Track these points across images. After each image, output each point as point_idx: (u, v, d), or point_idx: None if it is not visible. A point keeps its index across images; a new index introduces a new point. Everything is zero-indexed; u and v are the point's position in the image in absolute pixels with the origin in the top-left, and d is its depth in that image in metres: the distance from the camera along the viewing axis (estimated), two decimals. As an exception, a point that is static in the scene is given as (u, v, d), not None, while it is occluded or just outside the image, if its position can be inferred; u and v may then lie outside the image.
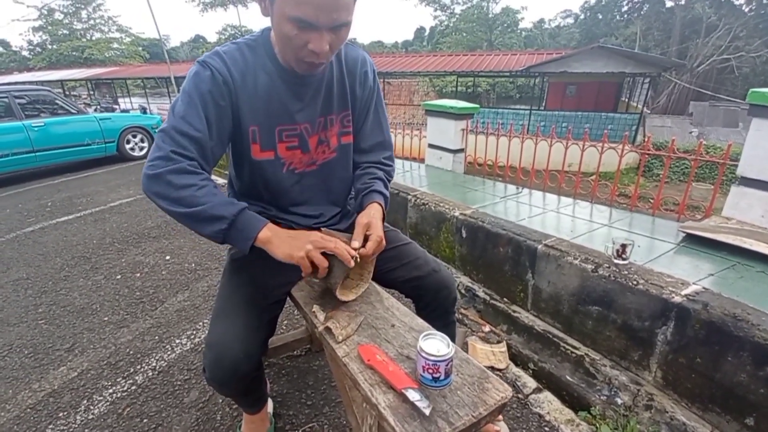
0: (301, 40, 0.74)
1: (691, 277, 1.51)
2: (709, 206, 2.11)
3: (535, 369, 1.62)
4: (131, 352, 1.69)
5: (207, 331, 0.89)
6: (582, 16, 32.88)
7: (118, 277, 2.41)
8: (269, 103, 0.88)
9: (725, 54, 21.12)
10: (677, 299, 1.31)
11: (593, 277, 1.54)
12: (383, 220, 0.94)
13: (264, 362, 1.39)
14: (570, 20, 35.44)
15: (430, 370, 0.65)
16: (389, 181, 1.05)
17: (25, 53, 31.67)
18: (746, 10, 22.08)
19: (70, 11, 28.08)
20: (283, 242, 0.78)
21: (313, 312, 0.87)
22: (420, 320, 0.86)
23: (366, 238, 0.85)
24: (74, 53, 25.34)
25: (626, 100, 12.96)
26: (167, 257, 2.65)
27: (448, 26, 28.35)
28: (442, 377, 0.65)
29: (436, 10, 28.36)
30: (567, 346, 1.63)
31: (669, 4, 25.13)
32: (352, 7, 0.74)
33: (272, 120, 0.89)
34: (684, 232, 1.82)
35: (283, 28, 0.73)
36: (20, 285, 2.38)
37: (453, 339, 1.22)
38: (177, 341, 1.75)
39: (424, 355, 0.65)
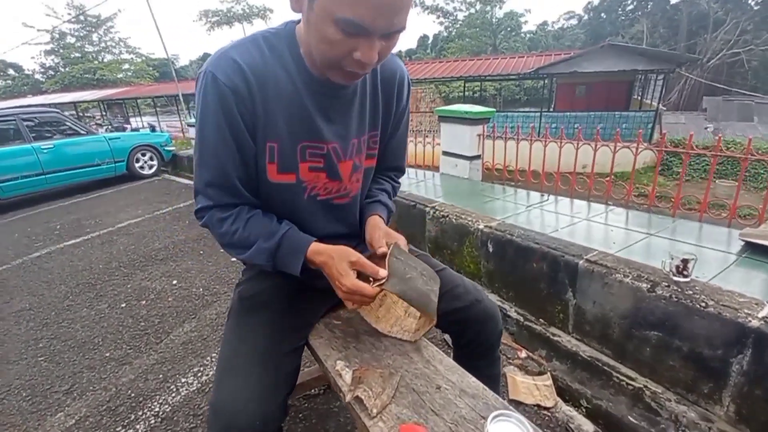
0: (345, 47, 0.59)
1: (762, 293, 1.31)
2: (762, 211, 1.90)
3: (589, 407, 1.42)
4: (133, 395, 1.53)
5: (211, 392, 0.72)
6: (585, 17, 32.71)
7: (123, 305, 2.27)
8: (291, 114, 0.72)
9: (734, 48, 20.71)
10: (754, 323, 1.12)
11: (650, 298, 1.34)
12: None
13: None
14: (573, 21, 35.28)
15: None
16: (394, 194, 1.00)
17: (38, 76, 32.55)
18: (752, 3, 21.71)
19: (82, 34, 28.85)
20: (328, 274, 0.72)
21: (338, 371, 0.70)
22: (471, 378, 0.69)
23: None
24: (86, 75, 25.94)
25: (638, 97, 12.67)
26: (174, 282, 2.52)
27: (451, 33, 28.36)
28: None
29: (439, 17, 28.41)
30: (621, 376, 1.43)
31: (673, 0, 24.85)
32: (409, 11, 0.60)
33: (294, 135, 0.73)
34: (744, 241, 1.62)
35: (325, 30, 0.57)
36: (22, 316, 2.26)
37: (498, 378, 1.04)
38: (182, 380, 1.60)
39: None
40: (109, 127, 11.48)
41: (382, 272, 0.68)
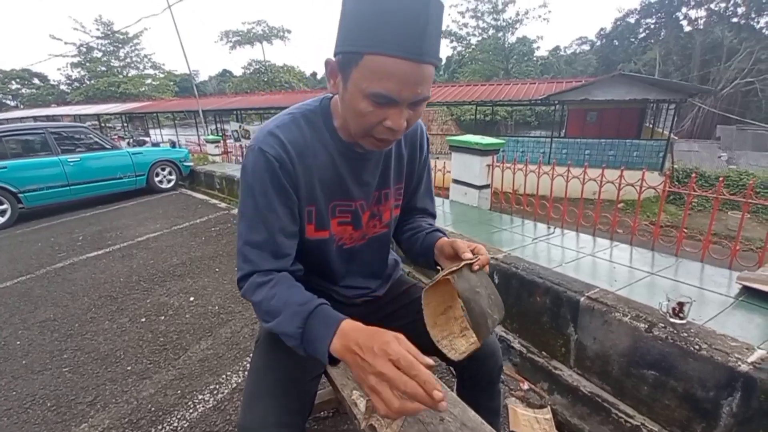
0: (376, 117, 0.68)
1: (752, 338, 1.37)
2: (762, 252, 1.95)
3: (587, 442, 1.47)
4: (153, 409, 1.63)
5: (239, 414, 0.81)
6: (598, 43, 33.10)
7: (143, 320, 2.38)
8: (326, 179, 0.83)
9: (748, 77, 20.72)
10: (744, 368, 1.18)
11: (647, 338, 1.40)
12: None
13: None
14: (586, 47, 35.68)
15: None
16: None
17: (63, 87, 33.85)
18: (767, 33, 21.79)
19: (109, 50, 30.11)
20: (353, 364, 0.62)
21: (353, 400, 0.79)
22: (472, 413, 0.77)
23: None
24: (111, 88, 26.96)
25: (650, 125, 12.72)
26: (191, 298, 2.63)
27: (464, 57, 28.91)
28: None
29: (452, 41, 29.07)
30: (619, 413, 1.48)
31: (687, 28, 25.08)
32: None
33: (327, 196, 0.84)
34: (741, 284, 1.67)
35: (358, 104, 0.67)
36: (47, 327, 2.38)
37: (499, 411, 1.11)
38: (199, 397, 1.69)
39: None
40: (131, 140, 11.89)
41: (468, 255, 0.74)
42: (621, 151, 9.36)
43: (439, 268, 0.87)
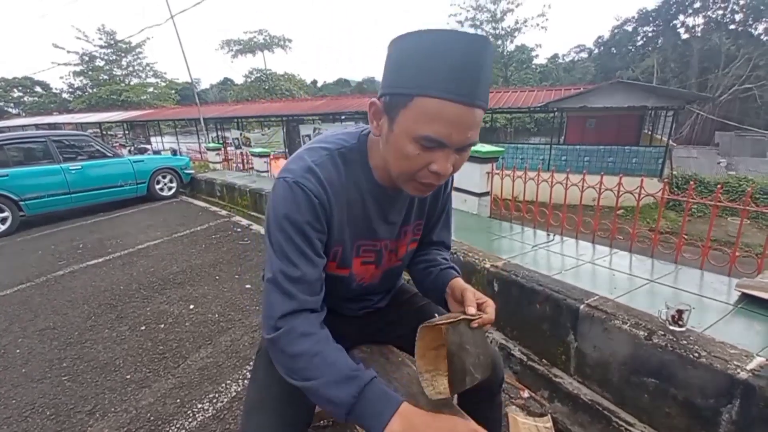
0: (422, 161, 0.65)
1: (752, 345, 1.36)
2: (761, 260, 1.96)
3: (587, 450, 1.46)
4: (152, 418, 1.62)
5: (240, 427, 0.81)
6: (596, 51, 33.37)
7: (143, 328, 2.38)
8: (354, 219, 0.81)
9: (746, 83, 20.85)
10: (743, 375, 1.18)
11: (647, 346, 1.40)
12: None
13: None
14: (584, 55, 35.97)
15: None
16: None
17: (65, 95, 34.13)
18: (765, 39, 21.97)
19: (111, 59, 30.41)
20: None
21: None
22: (472, 423, 0.77)
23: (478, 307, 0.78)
24: (112, 96, 27.17)
25: (649, 132, 12.78)
26: (191, 306, 2.63)
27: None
28: None
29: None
30: (620, 421, 1.47)
31: (685, 36, 25.29)
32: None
33: (354, 237, 0.83)
34: (740, 291, 1.68)
35: (404, 147, 0.65)
36: (46, 335, 2.38)
37: (500, 421, 1.11)
38: (199, 406, 1.68)
39: None
40: (132, 148, 11.96)
41: (471, 310, 0.74)
42: (620, 158, 9.39)
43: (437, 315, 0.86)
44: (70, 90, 33.25)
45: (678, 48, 25.05)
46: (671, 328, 1.39)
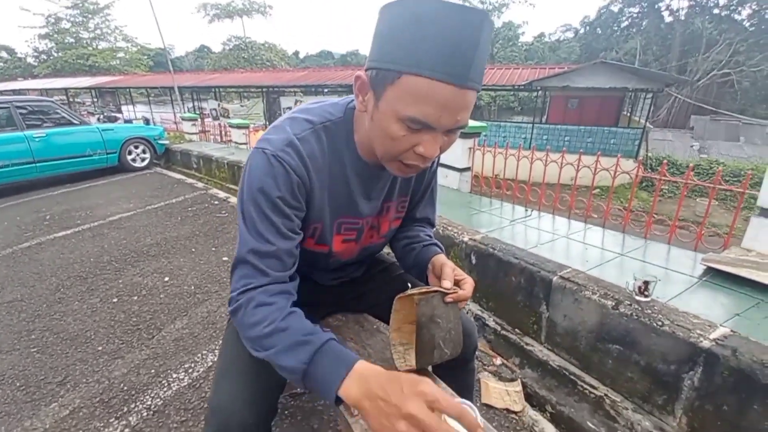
0: (408, 143, 0.62)
1: (716, 316, 1.43)
2: (728, 236, 2.04)
3: (553, 412, 1.53)
4: (125, 388, 1.60)
5: (210, 392, 0.80)
6: (582, 30, 33.30)
7: (115, 300, 2.33)
8: (336, 196, 0.77)
9: (725, 68, 21.31)
10: (706, 344, 1.24)
11: (613, 315, 1.46)
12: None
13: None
14: (570, 34, 35.87)
15: None
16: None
17: (30, 60, 31.94)
18: (747, 24, 22.34)
19: (78, 20, 28.40)
20: (374, 411, 0.55)
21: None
22: (442, 384, 0.79)
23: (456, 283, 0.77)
24: (79, 61, 25.56)
25: (628, 114, 12.99)
26: (166, 278, 2.58)
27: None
28: None
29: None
30: (585, 385, 1.54)
31: (668, 19, 25.47)
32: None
33: (334, 213, 0.80)
34: (705, 265, 1.75)
35: (389, 128, 0.61)
36: (14, 307, 2.30)
37: (473, 386, 1.14)
38: (174, 375, 1.67)
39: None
40: (102, 116, 11.35)
41: (446, 284, 0.73)
42: (599, 138, 9.54)
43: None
44: (35, 54, 31.08)
45: (661, 31, 25.25)
46: (637, 298, 1.44)
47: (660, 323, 1.34)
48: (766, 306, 1.50)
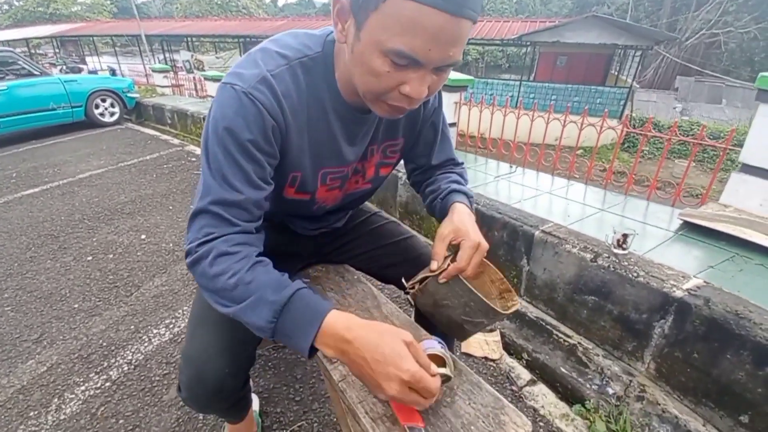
0: (393, 81, 0.55)
1: (690, 269, 1.47)
2: (706, 193, 2.08)
3: (529, 359, 1.59)
4: (104, 344, 1.58)
5: (184, 342, 0.78)
6: (575, -17, 31.95)
7: (89, 258, 2.26)
8: (319, 146, 0.70)
9: (714, 29, 21.02)
10: (678, 294, 1.28)
11: (592, 267, 1.49)
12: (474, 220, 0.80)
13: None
14: (562, -14, 34.39)
15: None
16: (465, 181, 0.92)
17: (-8, 12, 29.10)
18: (739, -16, 21.82)
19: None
20: (358, 371, 0.54)
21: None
22: (422, 330, 0.78)
23: (456, 251, 0.71)
24: (39, 9, 23.43)
25: (615, 73, 12.83)
26: (143, 236, 2.50)
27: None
28: None
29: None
30: (560, 334, 1.60)
31: (662, -27, 24.60)
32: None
33: (317, 162, 0.72)
34: (682, 220, 1.79)
35: (372, 61, 0.53)
36: (-17, 266, 2.21)
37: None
38: (155, 331, 1.65)
39: None
40: (64, 67, 10.53)
41: (433, 265, 0.69)
42: (585, 97, 9.46)
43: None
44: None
45: (654, -16, 24.44)
46: (615, 251, 1.47)
47: (635, 274, 1.37)
48: (740, 259, 1.55)
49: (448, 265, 0.69)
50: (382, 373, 0.51)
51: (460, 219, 0.75)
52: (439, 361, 0.60)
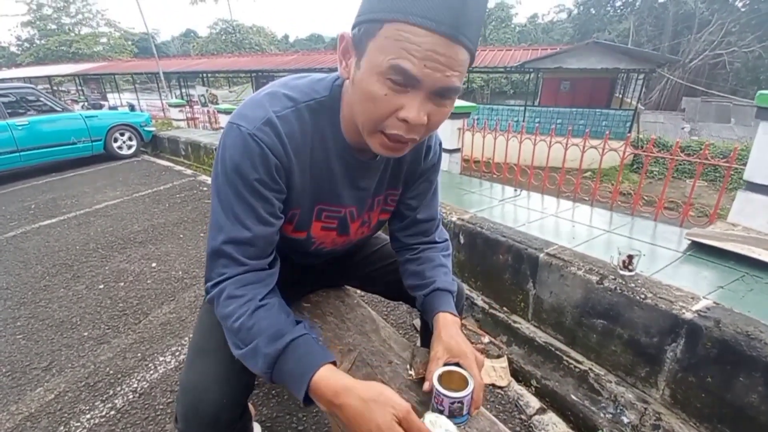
0: (390, 105, 0.56)
1: (700, 289, 1.44)
2: (714, 212, 2.05)
3: (538, 386, 1.55)
4: (111, 372, 1.59)
5: (183, 370, 0.78)
6: (575, 11, 32.86)
7: (101, 286, 2.30)
8: (318, 185, 0.73)
9: (717, 49, 21.21)
10: (688, 315, 1.25)
11: (598, 289, 1.47)
12: (460, 319, 0.80)
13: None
14: (563, 15, 35.39)
15: (448, 408, 0.63)
16: (448, 256, 0.92)
17: (13, 49, 31.08)
18: (739, 5, 22.17)
19: (60, 6, 27.51)
20: (350, 428, 0.58)
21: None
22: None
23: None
24: (62, 48, 24.87)
25: (620, 95, 12.95)
26: (153, 264, 2.55)
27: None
28: (463, 413, 0.64)
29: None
30: (570, 360, 1.56)
31: (661, -1, 25.19)
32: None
33: (314, 198, 0.75)
34: (690, 240, 1.76)
35: (371, 86, 0.55)
36: (-1, 295, 2.27)
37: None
38: (161, 359, 1.66)
39: (442, 392, 0.62)
40: (86, 104, 11.07)
41: (426, 386, 0.67)
42: (590, 120, 9.52)
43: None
44: (18, 43, 30.19)
45: (654, 11, 24.99)
46: (621, 272, 1.45)
47: (643, 296, 1.35)
48: (751, 279, 1.51)
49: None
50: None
51: (449, 335, 0.74)
52: (462, 379, 0.65)
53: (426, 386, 0.69)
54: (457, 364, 0.68)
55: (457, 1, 0.50)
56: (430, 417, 0.61)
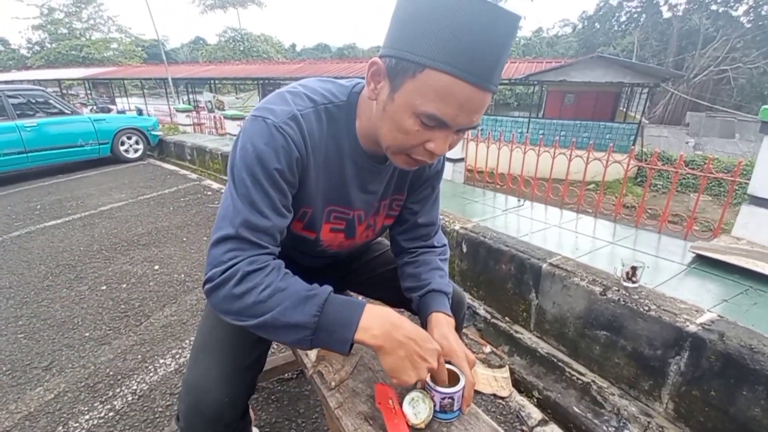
0: (420, 138, 0.60)
1: (704, 302, 1.44)
2: (718, 225, 2.05)
3: (540, 398, 1.53)
4: (111, 373, 1.59)
5: (186, 368, 0.79)
6: (580, 26, 33.19)
7: (103, 287, 2.31)
8: (329, 181, 0.75)
9: (722, 65, 21.32)
10: (692, 328, 1.24)
11: (601, 301, 1.46)
12: (456, 321, 0.82)
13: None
14: (568, 29, 35.76)
15: (439, 403, 0.66)
16: (445, 259, 0.94)
17: (23, 51, 31.63)
18: (744, 21, 22.33)
19: (71, 10, 28.03)
20: (392, 354, 0.62)
21: (304, 351, 0.78)
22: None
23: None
24: (72, 52, 25.27)
25: (624, 109, 13.00)
26: (156, 267, 2.56)
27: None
28: (454, 409, 0.67)
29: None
30: (572, 372, 1.55)
31: (666, 14, 25.42)
32: None
33: (326, 200, 0.77)
34: (694, 253, 1.75)
35: (402, 121, 0.59)
36: (2, 294, 2.27)
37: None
38: (161, 361, 1.66)
39: (434, 388, 0.66)
40: (94, 107, 11.21)
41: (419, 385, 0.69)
42: (594, 133, 9.56)
43: None
44: (29, 45, 30.72)
45: (659, 26, 25.20)
46: (625, 284, 1.44)
47: (647, 308, 1.34)
48: (755, 293, 1.51)
49: None
50: (429, 349, 0.63)
51: (442, 334, 0.75)
52: (453, 376, 0.69)
53: (419, 383, 0.69)
54: (449, 362, 0.70)
55: (494, 56, 0.53)
56: (413, 395, 0.66)
